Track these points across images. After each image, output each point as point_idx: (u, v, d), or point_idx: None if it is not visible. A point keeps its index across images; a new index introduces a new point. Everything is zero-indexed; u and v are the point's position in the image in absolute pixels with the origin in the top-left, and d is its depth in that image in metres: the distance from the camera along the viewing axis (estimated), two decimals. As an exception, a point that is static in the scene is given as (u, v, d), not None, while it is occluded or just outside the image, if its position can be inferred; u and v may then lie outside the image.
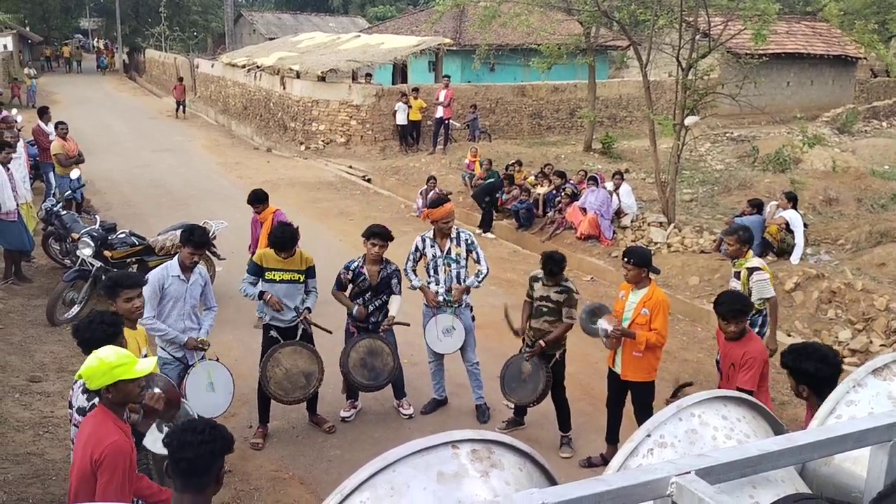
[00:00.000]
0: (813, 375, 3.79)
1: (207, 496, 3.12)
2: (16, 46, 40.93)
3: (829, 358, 3.85)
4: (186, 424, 3.16)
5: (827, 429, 2.27)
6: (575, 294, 6.49)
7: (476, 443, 2.02)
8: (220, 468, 3.14)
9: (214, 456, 3.06)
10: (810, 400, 3.91)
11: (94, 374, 3.64)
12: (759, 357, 5.29)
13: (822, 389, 3.77)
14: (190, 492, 3.05)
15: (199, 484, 3.06)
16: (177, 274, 5.96)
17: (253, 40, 44.73)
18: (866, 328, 8.78)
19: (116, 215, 13.26)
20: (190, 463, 3.00)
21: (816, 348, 3.95)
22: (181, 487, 3.05)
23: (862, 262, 10.82)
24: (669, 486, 1.83)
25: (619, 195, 12.99)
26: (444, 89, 20.57)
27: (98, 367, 3.63)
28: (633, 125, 25.99)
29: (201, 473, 3.04)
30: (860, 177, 17.43)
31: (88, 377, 3.66)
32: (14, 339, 8.32)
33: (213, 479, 3.10)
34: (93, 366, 3.64)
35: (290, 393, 6.44)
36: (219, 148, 23.26)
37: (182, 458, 3.00)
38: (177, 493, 3.08)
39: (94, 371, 3.64)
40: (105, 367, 3.63)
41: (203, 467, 3.03)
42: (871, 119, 27.86)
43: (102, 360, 3.65)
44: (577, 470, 6.41)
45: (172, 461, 3.04)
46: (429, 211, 7.23)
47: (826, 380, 3.74)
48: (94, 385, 3.67)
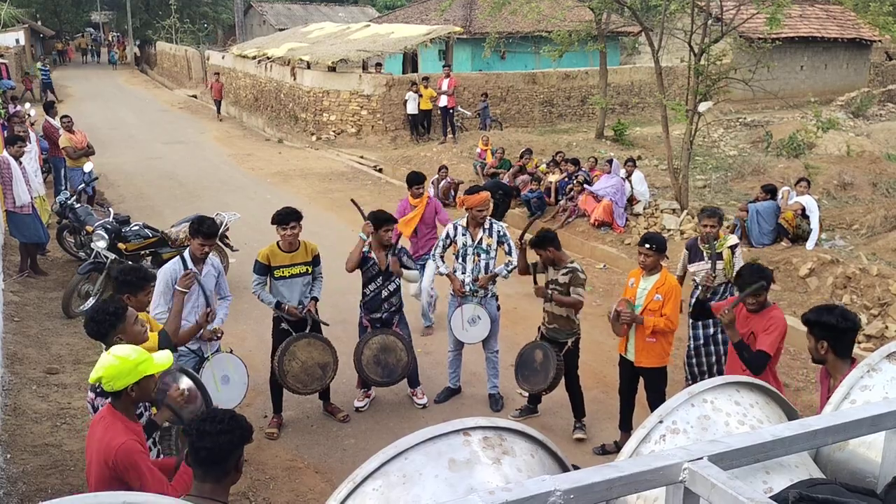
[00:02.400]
0: (834, 327, 3.87)
1: (227, 485, 3.16)
2: (27, 41, 41.11)
3: (849, 314, 3.96)
4: (206, 414, 3.20)
5: (841, 413, 2.25)
6: (581, 274, 6.47)
7: (487, 430, 2.02)
8: (240, 458, 3.17)
9: (234, 445, 3.10)
10: (828, 361, 3.97)
11: (118, 373, 3.49)
12: (782, 325, 5.25)
13: (842, 347, 3.84)
14: (210, 480, 3.09)
15: (219, 473, 3.10)
16: (189, 266, 5.98)
17: (263, 31, 44.73)
18: (882, 313, 8.72)
19: (130, 208, 13.33)
20: (209, 452, 3.04)
21: (837, 306, 4.10)
22: (201, 476, 3.10)
23: (877, 246, 10.73)
24: (682, 473, 1.82)
25: (631, 182, 12.92)
26: (446, 78, 20.52)
27: (121, 367, 3.49)
28: (645, 112, 25.83)
29: (221, 462, 3.08)
30: (875, 161, 17.26)
31: (111, 378, 3.50)
32: (31, 332, 8.39)
33: (232, 467, 3.13)
34: (114, 366, 3.49)
35: (307, 385, 6.50)
36: (230, 139, 23.32)
37: (202, 447, 3.04)
38: (197, 481, 3.13)
39: (117, 371, 3.49)
40: (130, 364, 3.50)
41: (222, 456, 3.07)
42: (886, 102, 27.53)
43: (125, 359, 3.51)
44: (590, 457, 6.41)
45: (192, 450, 3.08)
46: (464, 198, 7.17)
47: (846, 333, 3.87)
48: (119, 385, 3.52)
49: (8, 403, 6.70)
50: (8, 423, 6.40)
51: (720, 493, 1.73)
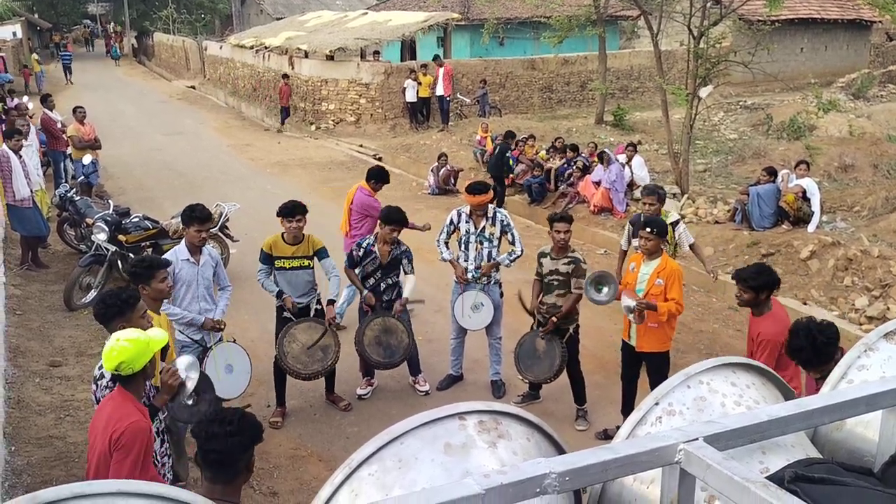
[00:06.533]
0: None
1: (238, 485, 3.08)
2: (25, 34, 40.99)
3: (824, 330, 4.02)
4: (215, 415, 3.10)
5: (838, 393, 2.25)
6: (583, 265, 6.48)
7: (483, 414, 2.03)
8: (251, 457, 3.09)
9: (244, 447, 3.01)
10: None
11: (135, 355, 3.58)
12: (773, 339, 5.05)
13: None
14: (220, 482, 3.00)
15: (230, 474, 3.01)
16: (186, 258, 5.95)
17: (260, 21, 44.51)
18: (883, 295, 8.71)
19: (130, 199, 13.33)
20: (220, 455, 2.96)
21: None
22: (211, 478, 3.01)
23: (878, 228, 10.71)
24: (677, 453, 1.83)
25: (631, 167, 12.90)
26: (440, 68, 20.40)
27: (136, 349, 3.58)
28: (644, 96, 25.73)
29: (231, 465, 2.99)
30: (876, 142, 17.18)
31: (131, 360, 3.58)
32: (33, 325, 8.41)
33: (243, 468, 3.06)
34: (129, 349, 3.57)
35: (308, 366, 6.43)
36: (229, 130, 23.29)
37: (211, 449, 2.95)
38: (207, 482, 3.03)
39: (134, 353, 3.58)
40: (142, 345, 3.61)
41: (233, 459, 2.98)
42: (886, 84, 27.38)
43: (136, 340, 3.61)
44: (592, 442, 6.42)
45: (202, 452, 2.99)
46: (466, 196, 7.16)
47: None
48: (138, 365, 3.62)
49: (12, 396, 6.72)
50: (12, 415, 6.42)
51: (716, 474, 1.74)
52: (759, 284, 5.21)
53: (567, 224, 6.46)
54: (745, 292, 5.26)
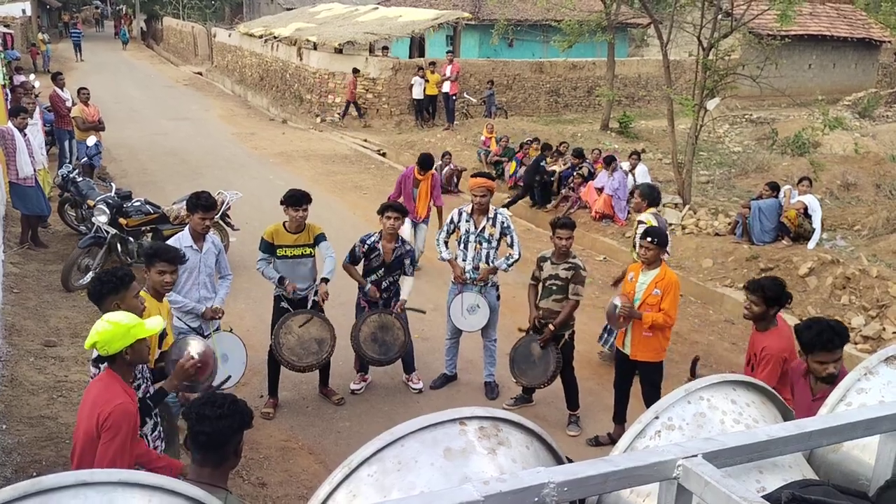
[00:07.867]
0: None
1: (225, 470, 3.13)
2: (34, 11, 40.86)
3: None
4: (206, 398, 3.16)
5: (836, 416, 2.26)
6: (582, 271, 6.49)
7: (484, 420, 2.03)
8: (239, 443, 3.14)
9: (233, 431, 3.06)
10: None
11: (111, 337, 3.60)
12: (777, 355, 5.00)
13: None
14: (209, 465, 3.06)
15: (218, 458, 3.07)
16: (189, 244, 5.95)
17: (271, 10, 44.41)
18: (880, 315, 8.73)
19: (132, 183, 13.31)
20: (209, 437, 3.01)
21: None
22: (200, 461, 3.07)
23: (878, 248, 10.73)
24: (676, 469, 1.83)
25: (635, 175, 12.90)
26: (449, 64, 20.41)
27: (114, 331, 3.60)
28: (651, 105, 25.74)
29: (220, 447, 3.05)
30: (879, 162, 17.21)
31: (106, 342, 3.60)
32: (29, 304, 8.40)
33: (231, 452, 3.11)
34: (107, 330, 3.60)
35: (302, 358, 6.42)
36: (234, 118, 23.26)
37: (201, 431, 3.01)
38: (195, 465, 3.09)
39: (110, 335, 3.60)
40: (122, 329, 3.61)
41: (222, 442, 3.04)
42: (893, 104, 27.43)
43: (117, 323, 3.62)
44: (584, 448, 6.44)
45: (192, 434, 3.04)
46: (470, 180, 7.26)
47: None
48: (113, 348, 3.62)
49: (5, 374, 6.71)
50: (4, 393, 6.41)
51: (713, 491, 1.74)
52: (775, 296, 5.10)
53: (570, 231, 6.45)
54: (756, 304, 5.11)
